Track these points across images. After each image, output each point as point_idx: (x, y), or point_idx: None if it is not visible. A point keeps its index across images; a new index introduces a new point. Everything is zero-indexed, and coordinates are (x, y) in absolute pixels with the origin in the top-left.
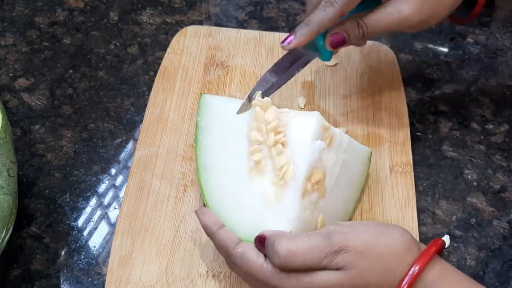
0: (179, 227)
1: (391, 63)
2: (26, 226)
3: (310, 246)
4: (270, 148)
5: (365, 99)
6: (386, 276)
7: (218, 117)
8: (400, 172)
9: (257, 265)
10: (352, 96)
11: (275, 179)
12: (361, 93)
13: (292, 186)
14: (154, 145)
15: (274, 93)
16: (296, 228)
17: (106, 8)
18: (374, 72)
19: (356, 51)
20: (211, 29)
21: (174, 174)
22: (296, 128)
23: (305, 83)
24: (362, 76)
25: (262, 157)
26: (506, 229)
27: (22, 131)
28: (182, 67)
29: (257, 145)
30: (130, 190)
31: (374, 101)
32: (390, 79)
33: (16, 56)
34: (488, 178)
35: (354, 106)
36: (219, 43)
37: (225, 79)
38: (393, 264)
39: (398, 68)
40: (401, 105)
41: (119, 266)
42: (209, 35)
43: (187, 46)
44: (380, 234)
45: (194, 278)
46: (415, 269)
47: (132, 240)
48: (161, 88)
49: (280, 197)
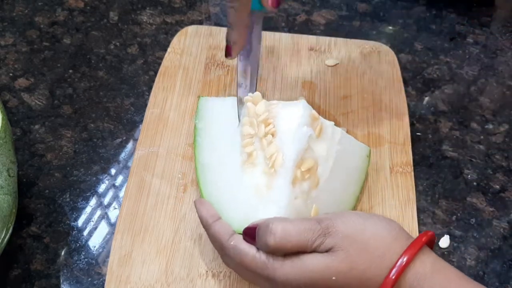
0: (179, 227)
1: (392, 63)
2: (26, 226)
3: (304, 227)
4: (261, 139)
5: (365, 100)
6: (374, 263)
7: (215, 118)
8: (400, 173)
9: (249, 256)
10: (352, 96)
11: (265, 168)
12: (361, 93)
13: (281, 174)
14: (154, 144)
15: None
16: (287, 215)
17: (106, 8)
18: (374, 73)
19: (356, 52)
20: (212, 29)
21: (174, 173)
22: (285, 118)
23: (305, 83)
24: (362, 76)
25: (254, 149)
26: (506, 229)
27: (22, 131)
28: (182, 67)
29: (249, 139)
30: (130, 190)
31: (374, 102)
32: (390, 79)
33: (16, 56)
34: (488, 178)
35: (354, 106)
36: (220, 43)
37: (226, 79)
38: (380, 251)
39: (399, 68)
40: (401, 105)
41: (119, 265)
42: (209, 34)
43: (187, 46)
44: (367, 221)
45: (194, 278)
46: (403, 260)
47: (132, 240)
48: (161, 88)
49: (270, 185)
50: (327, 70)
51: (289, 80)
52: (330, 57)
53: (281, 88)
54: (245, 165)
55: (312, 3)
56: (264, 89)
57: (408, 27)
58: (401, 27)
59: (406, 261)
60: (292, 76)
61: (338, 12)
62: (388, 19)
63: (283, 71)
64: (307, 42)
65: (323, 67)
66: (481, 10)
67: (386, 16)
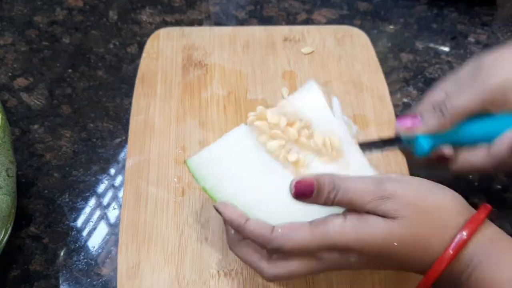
0: (183, 231)
1: (365, 46)
2: (25, 226)
3: (362, 187)
4: (297, 141)
5: (346, 83)
6: (436, 233)
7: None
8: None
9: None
10: (332, 81)
11: (326, 157)
12: (340, 77)
13: (347, 145)
14: (144, 152)
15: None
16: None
17: (105, 7)
18: (349, 56)
19: (330, 38)
20: (184, 29)
21: (169, 178)
22: (306, 108)
23: (285, 73)
24: (339, 61)
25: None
26: (508, 230)
27: (21, 131)
28: (160, 71)
29: (284, 149)
30: (127, 200)
31: (354, 84)
32: (366, 61)
33: (15, 56)
34: (489, 178)
35: (336, 91)
36: (194, 43)
37: (206, 78)
38: (443, 222)
39: (373, 49)
40: (381, 85)
41: (128, 278)
42: (182, 35)
43: (162, 49)
44: (431, 191)
45: (207, 280)
46: (462, 235)
47: (138, 251)
48: (142, 94)
49: (346, 162)
50: (304, 58)
51: (269, 72)
52: (305, 45)
53: (262, 81)
54: (297, 172)
55: (313, 2)
56: (245, 85)
57: (409, 26)
58: (402, 26)
59: (467, 235)
60: (271, 68)
61: (339, 11)
62: (389, 18)
63: (262, 64)
64: (281, 32)
65: (300, 56)
66: (483, 9)
67: (387, 15)
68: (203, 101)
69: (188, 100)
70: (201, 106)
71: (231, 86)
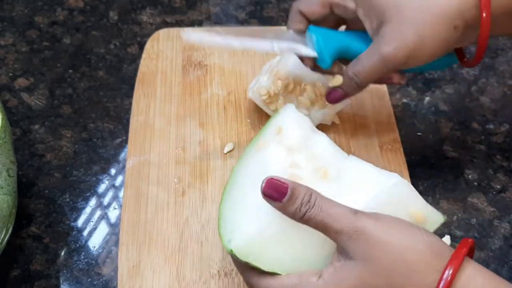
0: (183, 231)
1: None
2: (26, 226)
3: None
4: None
5: None
6: (413, 279)
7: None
8: (390, 150)
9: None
10: None
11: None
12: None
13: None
14: (144, 152)
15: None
16: None
17: (106, 7)
18: None
19: None
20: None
21: (169, 179)
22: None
23: None
24: None
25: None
26: (507, 229)
27: (21, 131)
28: (160, 72)
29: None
30: (127, 200)
31: None
32: None
33: (16, 56)
34: (488, 178)
35: None
36: (194, 43)
37: (205, 79)
38: (420, 266)
39: None
40: (381, 86)
41: (129, 278)
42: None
43: (162, 50)
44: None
45: (207, 280)
46: (449, 273)
47: (138, 251)
48: (142, 95)
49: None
50: None
51: None
52: None
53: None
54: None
55: None
56: (245, 85)
57: None
58: None
59: (452, 272)
60: None
61: None
62: None
63: (262, 64)
64: None
65: None
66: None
67: None
68: (203, 102)
69: (188, 101)
70: (201, 106)
71: (231, 87)
